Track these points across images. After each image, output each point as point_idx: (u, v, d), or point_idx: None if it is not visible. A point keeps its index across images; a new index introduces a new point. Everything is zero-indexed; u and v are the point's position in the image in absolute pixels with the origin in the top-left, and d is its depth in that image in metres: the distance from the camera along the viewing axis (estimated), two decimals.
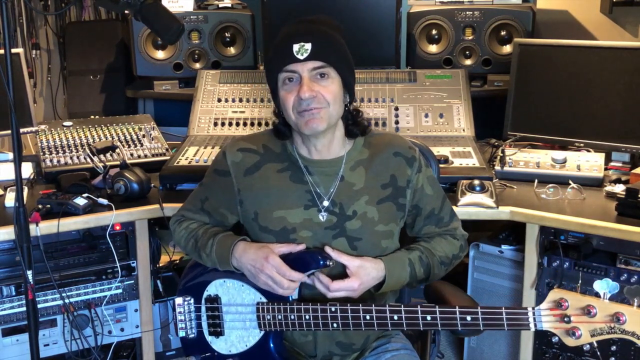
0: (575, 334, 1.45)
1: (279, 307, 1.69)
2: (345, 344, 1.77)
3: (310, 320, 1.66)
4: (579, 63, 2.61)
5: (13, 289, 2.22)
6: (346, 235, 1.72)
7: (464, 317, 1.55)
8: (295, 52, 1.63)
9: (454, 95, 2.82)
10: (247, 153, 1.80)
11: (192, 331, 1.84)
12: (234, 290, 1.77)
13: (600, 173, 2.41)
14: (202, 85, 2.95)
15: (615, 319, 1.41)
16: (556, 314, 1.46)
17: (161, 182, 2.47)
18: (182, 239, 1.88)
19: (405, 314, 1.60)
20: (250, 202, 1.77)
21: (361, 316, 1.63)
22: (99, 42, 3.83)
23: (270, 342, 1.73)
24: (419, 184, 1.79)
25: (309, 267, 1.68)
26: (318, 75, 1.66)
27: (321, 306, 1.65)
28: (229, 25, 3.25)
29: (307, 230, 1.72)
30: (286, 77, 1.67)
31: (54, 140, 2.70)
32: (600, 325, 1.43)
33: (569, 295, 1.45)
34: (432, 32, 3.13)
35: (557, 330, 1.47)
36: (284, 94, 1.68)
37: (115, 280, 2.34)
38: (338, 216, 1.73)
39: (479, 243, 2.56)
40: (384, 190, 1.76)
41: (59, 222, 2.16)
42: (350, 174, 1.75)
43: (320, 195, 1.74)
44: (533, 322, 1.50)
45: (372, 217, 1.73)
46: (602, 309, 1.42)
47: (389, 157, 1.78)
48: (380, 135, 1.84)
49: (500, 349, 2.57)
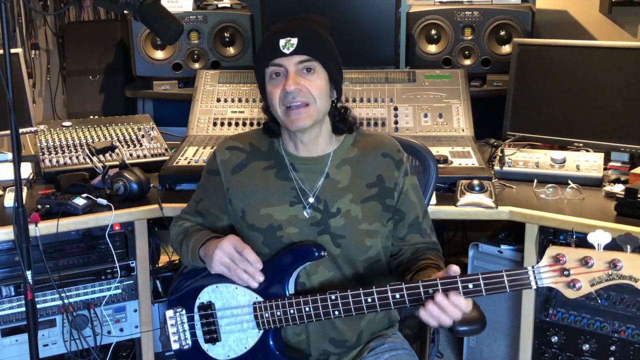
0: (576, 285, 1.48)
1: (277, 304, 1.69)
2: (338, 341, 1.77)
3: (310, 312, 1.65)
4: (579, 63, 2.61)
5: (12, 289, 2.22)
6: (330, 232, 1.74)
7: (466, 285, 1.54)
8: (281, 47, 1.66)
9: (453, 95, 2.83)
10: (234, 151, 1.82)
11: (186, 342, 1.82)
12: (227, 294, 1.76)
13: (600, 173, 2.42)
14: (201, 85, 2.95)
15: (612, 265, 1.45)
16: (555, 269, 1.49)
17: (160, 182, 2.47)
18: (174, 236, 1.90)
19: (407, 291, 1.58)
20: (238, 200, 1.79)
21: (362, 299, 1.62)
22: (98, 42, 3.83)
23: (270, 340, 1.72)
24: (405, 187, 1.80)
25: (303, 260, 1.69)
26: (304, 69, 1.68)
27: (320, 296, 1.65)
28: (228, 25, 3.25)
29: (293, 227, 1.73)
30: (273, 72, 1.70)
31: (53, 141, 2.70)
32: (598, 274, 1.46)
33: (565, 250, 1.49)
34: (431, 32, 3.13)
35: (557, 285, 1.50)
36: (270, 88, 1.71)
37: (114, 281, 2.34)
38: (322, 213, 1.74)
39: (478, 243, 2.56)
40: (369, 189, 1.77)
41: (58, 222, 2.16)
42: (336, 171, 1.77)
43: (305, 192, 1.75)
44: (534, 280, 1.51)
45: (355, 215, 1.74)
46: (598, 259, 1.46)
47: (376, 157, 1.79)
48: (370, 136, 1.86)
49: (500, 348, 2.57)
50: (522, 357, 2.35)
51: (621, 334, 2.16)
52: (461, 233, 3.44)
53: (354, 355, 1.82)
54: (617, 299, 2.14)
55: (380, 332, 1.86)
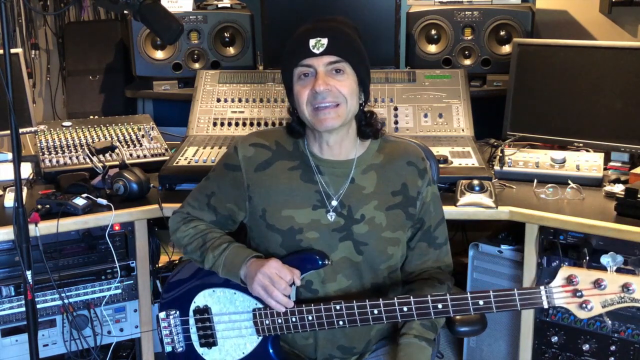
0: (587, 306, 1.50)
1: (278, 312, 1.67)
2: (346, 348, 1.76)
3: (314, 321, 1.64)
4: (578, 63, 2.61)
5: (12, 289, 2.21)
6: (353, 239, 1.71)
7: (476, 302, 1.54)
8: (311, 47, 1.63)
9: (453, 95, 2.83)
10: (260, 148, 1.77)
11: (180, 345, 1.81)
12: (225, 299, 1.75)
13: (600, 173, 2.42)
14: (201, 85, 2.95)
15: (625, 288, 1.47)
16: (568, 290, 1.50)
17: (160, 182, 2.47)
18: (186, 237, 1.81)
19: (415, 305, 1.57)
20: (260, 198, 1.75)
21: (369, 311, 1.61)
22: (98, 42, 3.82)
23: (269, 347, 1.72)
24: (428, 197, 1.79)
25: (306, 268, 1.68)
26: (334, 70, 1.65)
27: (324, 305, 1.63)
28: (228, 25, 3.24)
29: (314, 232, 1.70)
30: (302, 72, 1.66)
31: (53, 141, 2.70)
32: (610, 297, 1.49)
33: (578, 271, 1.50)
34: (431, 32, 3.13)
35: (569, 306, 1.51)
36: (298, 88, 1.66)
37: (114, 281, 2.34)
38: (346, 218, 1.71)
39: (478, 243, 2.56)
40: (394, 197, 1.74)
41: (58, 223, 2.16)
42: (362, 177, 1.74)
43: (329, 195, 1.72)
44: (546, 300, 1.52)
45: (379, 223, 1.72)
46: (611, 281, 1.48)
47: (402, 166, 1.77)
48: (395, 142, 1.83)
49: (500, 348, 2.57)
50: (522, 357, 2.35)
51: (621, 334, 2.15)
52: (461, 233, 3.44)
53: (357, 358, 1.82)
54: None
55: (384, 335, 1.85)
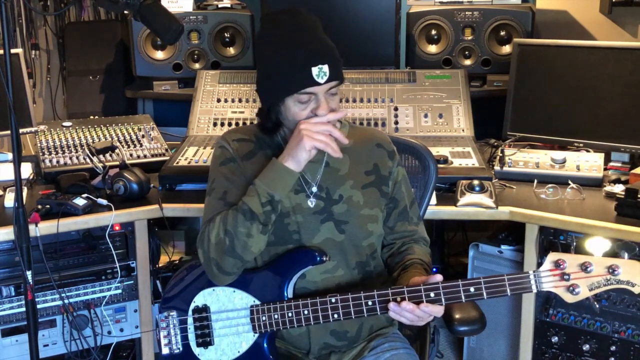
0: (574, 290, 1.53)
1: (275, 307, 1.69)
2: (339, 332, 1.78)
3: (309, 315, 1.67)
4: (579, 63, 2.61)
5: (12, 290, 2.22)
6: (333, 219, 1.77)
7: (468, 289, 1.57)
8: (314, 76, 1.64)
9: (453, 95, 2.83)
10: (242, 142, 1.83)
11: (177, 346, 1.81)
12: (224, 297, 1.76)
13: (600, 173, 2.42)
14: (201, 85, 2.95)
15: (611, 270, 1.50)
16: (556, 274, 1.54)
17: (161, 182, 2.47)
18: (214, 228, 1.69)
19: (409, 294, 1.59)
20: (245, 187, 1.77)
21: (363, 302, 1.63)
22: (99, 42, 3.83)
23: (265, 344, 1.72)
24: (399, 177, 1.88)
25: (304, 264, 1.69)
26: (330, 94, 1.71)
27: (320, 299, 1.65)
28: (229, 25, 3.25)
29: (298, 215, 1.75)
30: (302, 99, 1.68)
31: (54, 141, 2.70)
32: (597, 279, 1.52)
33: (566, 255, 1.54)
34: (431, 32, 3.13)
35: (557, 289, 1.54)
36: (297, 110, 1.69)
37: (114, 281, 2.34)
38: (325, 201, 1.78)
39: (478, 243, 2.56)
40: (368, 176, 1.83)
41: (58, 223, 2.16)
42: (335, 160, 1.78)
43: (307, 181, 1.78)
44: (535, 284, 1.55)
45: (357, 201, 1.79)
46: (597, 264, 1.51)
47: (371, 148, 1.86)
48: (363, 129, 1.95)
49: (500, 349, 2.57)
50: (522, 358, 2.35)
51: (621, 334, 2.16)
52: (461, 233, 3.44)
53: (355, 354, 1.83)
54: (617, 299, 2.14)
55: (380, 329, 1.87)
